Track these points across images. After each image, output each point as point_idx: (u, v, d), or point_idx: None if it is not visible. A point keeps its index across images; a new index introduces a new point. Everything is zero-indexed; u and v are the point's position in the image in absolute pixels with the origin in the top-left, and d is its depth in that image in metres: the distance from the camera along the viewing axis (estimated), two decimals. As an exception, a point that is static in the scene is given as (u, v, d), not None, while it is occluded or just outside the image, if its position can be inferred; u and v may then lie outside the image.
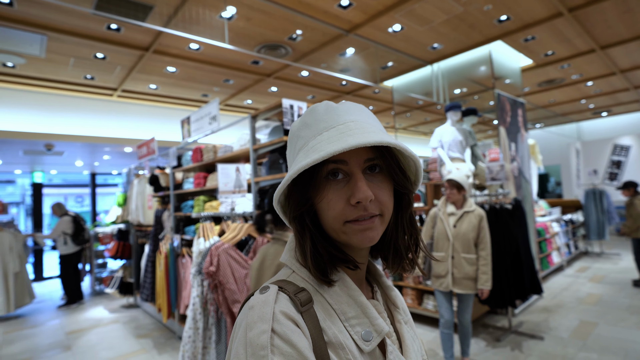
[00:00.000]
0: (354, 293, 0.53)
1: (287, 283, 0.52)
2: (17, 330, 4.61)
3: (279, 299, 0.47)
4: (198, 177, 3.82)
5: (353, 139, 0.47)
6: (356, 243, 0.51)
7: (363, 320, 0.51)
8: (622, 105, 9.37)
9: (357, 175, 0.51)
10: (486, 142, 7.27)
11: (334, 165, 0.51)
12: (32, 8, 3.59)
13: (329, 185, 0.51)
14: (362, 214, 0.50)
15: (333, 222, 0.51)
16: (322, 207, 0.52)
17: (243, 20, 4.11)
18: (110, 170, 10.27)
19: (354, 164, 0.51)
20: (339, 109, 0.54)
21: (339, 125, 0.51)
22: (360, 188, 0.49)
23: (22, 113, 5.58)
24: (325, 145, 0.48)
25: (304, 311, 0.48)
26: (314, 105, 0.56)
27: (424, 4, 3.97)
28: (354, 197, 0.49)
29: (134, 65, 5.12)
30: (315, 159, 0.46)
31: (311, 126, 0.53)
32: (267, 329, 0.43)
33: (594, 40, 5.13)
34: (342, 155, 0.50)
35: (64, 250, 5.68)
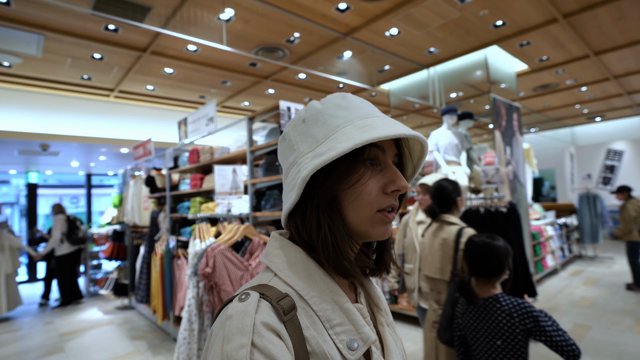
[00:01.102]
0: (339, 299, 0.49)
1: (268, 288, 0.47)
2: (10, 332, 4.57)
3: (260, 308, 0.43)
4: (194, 178, 3.82)
5: (409, 130, 0.48)
6: (378, 235, 0.51)
7: (348, 328, 0.48)
8: (615, 111, 9.48)
9: (392, 165, 0.52)
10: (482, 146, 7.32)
11: (375, 151, 0.50)
12: (30, 7, 3.58)
13: (366, 169, 0.50)
14: (393, 204, 0.51)
15: (365, 209, 0.50)
16: (352, 193, 0.50)
17: (241, 22, 4.13)
18: (106, 171, 10.21)
19: (389, 155, 0.52)
20: (369, 102, 0.55)
21: (381, 115, 0.52)
22: (400, 176, 0.50)
23: (17, 113, 5.55)
24: (385, 126, 0.47)
25: (287, 320, 0.44)
26: (341, 93, 0.55)
27: (421, 9, 4.01)
28: (394, 184, 0.50)
29: (132, 66, 5.12)
30: (386, 134, 0.45)
31: (349, 109, 0.52)
32: (247, 343, 0.39)
33: (588, 46, 5.19)
34: (383, 143, 0.51)
35: (60, 251, 5.63)
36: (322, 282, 0.50)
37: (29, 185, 8.67)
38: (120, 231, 5.71)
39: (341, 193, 0.51)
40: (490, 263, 1.56)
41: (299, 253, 0.52)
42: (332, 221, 0.50)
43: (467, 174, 4.21)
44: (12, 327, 4.76)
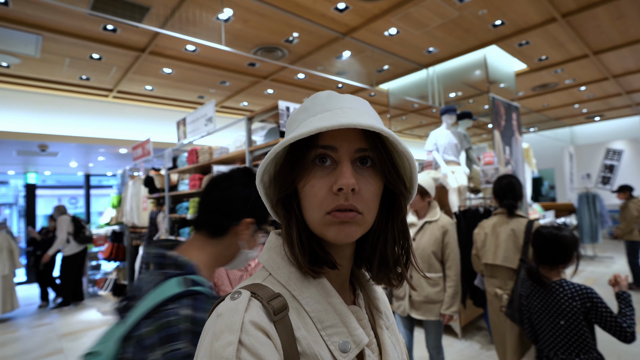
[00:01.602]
0: (333, 300, 0.49)
1: (261, 287, 0.47)
2: (8, 332, 4.55)
3: (250, 307, 0.43)
4: (193, 178, 3.81)
5: (344, 119, 0.44)
6: (332, 237, 0.47)
7: (341, 330, 0.47)
8: (614, 110, 9.49)
9: (344, 162, 0.47)
10: (481, 146, 7.32)
11: (322, 151, 0.48)
12: (28, 8, 3.57)
13: (315, 170, 0.48)
14: (342, 204, 0.46)
15: (315, 211, 0.47)
16: (305, 194, 0.49)
17: (240, 22, 4.12)
18: (105, 171, 10.19)
19: (343, 151, 0.48)
20: (341, 96, 0.52)
21: (337, 109, 0.49)
22: (344, 174, 0.46)
23: (16, 113, 5.54)
24: (316, 123, 0.45)
25: (277, 320, 0.44)
26: (315, 93, 0.54)
27: (420, 8, 4.00)
28: (336, 183, 0.46)
29: (130, 66, 5.10)
30: (301, 134, 0.43)
31: (309, 110, 0.51)
32: (234, 341, 0.40)
33: (587, 46, 5.19)
34: (333, 140, 0.48)
35: (67, 251, 5.62)
36: (316, 283, 0.49)
37: (28, 186, 8.64)
38: (119, 232, 5.70)
39: (300, 195, 0.50)
40: (555, 252, 1.70)
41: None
42: (287, 220, 0.51)
43: (467, 174, 4.21)
44: (11, 328, 4.75)
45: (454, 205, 4.02)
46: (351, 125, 0.43)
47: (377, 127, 0.44)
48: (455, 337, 3.63)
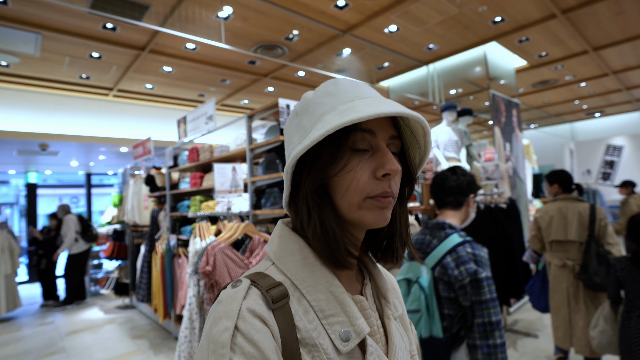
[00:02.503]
0: (335, 289, 0.49)
1: (262, 276, 0.48)
2: (11, 332, 4.57)
3: (249, 295, 0.45)
4: (194, 177, 3.81)
5: (395, 107, 0.44)
6: (371, 221, 0.49)
7: (342, 319, 0.47)
8: (614, 106, 9.48)
9: (384, 148, 0.48)
10: (481, 142, 7.32)
11: (362, 135, 0.48)
12: (27, 7, 3.57)
13: (353, 155, 0.48)
14: (386, 190, 0.48)
15: (354, 195, 0.48)
16: (343, 179, 0.48)
17: (240, 20, 4.12)
18: (106, 170, 10.20)
19: (381, 137, 0.49)
20: (363, 84, 0.52)
21: (371, 96, 0.49)
22: (390, 159, 0.47)
23: (16, 112, 5.54)
24: (365, 107, 0.44)
25: (276, 308, 0.45)
26: (334, 79, 0.53)
27: (420, 5, 4.00)
28: (383, 168, 0.47)
29: (130, 64, 5.10)
30: (361, 117, 0.42)
31: (337, 95, 0.49)
32: (230, 326, 0.41)
33: (587, 42, 5.19)
34: (373, 125, 0.48)
35: (74, 249, 5.65)
36: (319, 272, 0.49)
37: (29, 185, 8.66)
38: (120, 230, 5.72)
39: (331, 182, 0.49)
40: None
41: (298, 242, 0.52)
42: (321, 211, 0.49)
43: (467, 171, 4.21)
44: (13, 327, 4.77)
45: (455, 202, 4.03)
46: (407, 114, 0.44)
47: (418, 115, 0.46)
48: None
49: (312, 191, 0.49)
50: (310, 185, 0.49)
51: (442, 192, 1.51)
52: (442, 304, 1.32)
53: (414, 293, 1.35)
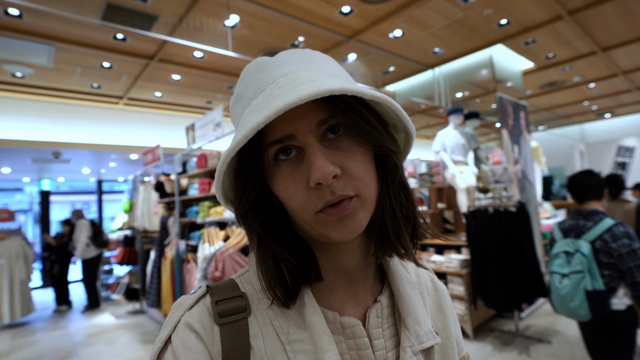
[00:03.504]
0: (305, 309, 0.40)
1: (228, 285, 0.43)
2: (25, 336, 4.66)
3: (197, 305, 0.40)
4: (203, 183, 3.86)
5: (279, 99, 0.34)
6: (335, 237, 0.38)
7: (308, 348, 0.38)
8: (625, 107, 9.34)
9: (310, 148, 0.37)
10: (489, 145, 7.27)
11: (278, 146, 0.38)
12: (41, 19, 3.68)
13: (281, 168, 0.39)
14: (329, 200, 0.36)
15: (301, 213, 0.39)
16: (282, 197, 0.40)
17: (246, 28, 4.18)
18: (117, 177, 10.36)
19: (303, 133, 0.37)
20: (270, 63, 0.41)
21: (268, 85, 0.38)
22: (314, 164, 0.35)
23: (30, 122, 5.68)
24: (249, 120, 0.35)
25: (224, 323, 0.39)
26: (246, 66, 0.43)
27: (425, 10, 4.02)
28: (311, 178, 0.36)
29: (140, 73, 5.21)
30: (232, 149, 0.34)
31: (242, 96, 0.41)
32: (164, 338, 0.38)
33: (594, 42, 5.14)
34: (285, 127, 0.37)
35: (87, 255, 5.75)
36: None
37: (42, 193, 8.83)
38: (130, 236, 5.80)
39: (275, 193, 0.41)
40: None
41: None
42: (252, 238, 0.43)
43: (475, 174, 4.20)
44: (27, 332, 4.85)
45: (463, 205, 4.01)
46: (289, 105, 0.32)
47: (324, 89, 0.32)
48: (466, 338, 3.61)
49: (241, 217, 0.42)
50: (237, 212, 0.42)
51: (585, 190, 2.00)
52: (603, 267, 1.84)
53: (576, 259, 1.89)
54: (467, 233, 3.68)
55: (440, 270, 3.84)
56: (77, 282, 7.77)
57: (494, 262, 3.39)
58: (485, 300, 3.45)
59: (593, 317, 1.83)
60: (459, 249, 4.01)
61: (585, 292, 1.82)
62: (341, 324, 0.42)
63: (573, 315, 1.90)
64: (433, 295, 0.52)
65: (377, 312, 0.44)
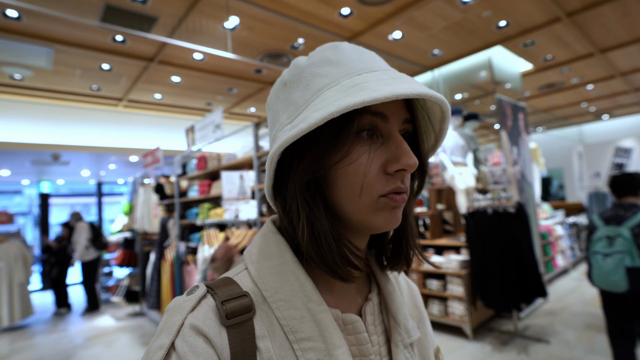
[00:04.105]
0: (312, 306, 0.39)
1: (227, 284, 0.41)
2: (24, 339, 4.64)
3: (199, 306, 0.37)
4: (202, 184, 3.87)
5: (416, 86, 0.35)
6: (382, 224, 0.40)
7: (318, 345, 0.38)
8: (623, 108, 9.38)
9: (398, 137, 0.39)
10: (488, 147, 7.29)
11: (371, 119, 0.38)
12: (40, 21, 3.68)
13: (361, 144, 0.39)
14: (399, 187, 0.39)
15: (362, 194, 0.38)
16: (346, 173, 0.39)
17: (246, 30, 4.19)
18: (116, 179, 10.36)
19: (394, 122, 0.40)
20: (369, 53, 0.43)
21: (383, 70, 0.40)
22: (407, 152, 0.38)
23: (29, 124, 5.68)
24: (379, 85, 0.35)
25: (232, 325, 0.37)
26: (334, 42, 0.43)
27: (424, 12, 4.03)
28: (398, 162, 0.38)
29: (139, 75, 5.21)
30: (375, 98, 0.33)
31: (339, 64, 0.40)
32: (166, 344, 0.35)
33: (593, 44, 5.17)
34: (385, 107, 0.39)
35: (85, 257, 5.74)
36: (297, 283, 0.40)
37: (42, 195, 8.82)
38: (130, 238, 5.79)
39: (329, 175, 0.40)
40: None
41: (278, 244, 0.43)
42: (312, 212, 0.40)
43: (474, 175, 4.21)
44: (26, 335, 4.84)
45: (462, 206, 4.02)
46: (426, 96, 0.35)
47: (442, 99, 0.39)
48: (466, 338, 3.62)
49: (303, 186, 0.40)
50: (301, 178, 0.40)
51: (626, 187, 2.39)
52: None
53: (618, 242, 2.26)
54: (466, 234, 3.69)
55: (439, 271, 3.84)
56: (77, 285, 7.76)
57: (493, 263, 3.40)
58: (484, 300, 3.46)
59: (630, 290, 2.22)
60: (458, 250, 4.02)
61: (625, 268, 2.22)
62: (343, 320, 0.43)
63: (613, 287, 2.30)
64: (408, 293, 0.56)
65: (370, 309, 0.46)
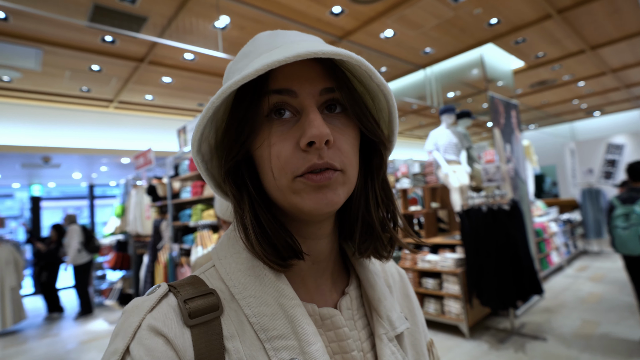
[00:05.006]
0: (284, 301, 0.37)
1: (192, 282, 0.39)
2: (16, 344, 4.57)
3: (159, 306, 0.35)
4: (195, 185, 3.83)
5: (302, 48, 0.33)
6: (309, 208, 0.37)
7: (291, 343, 0.35)
8: (614, 105, 9.47)
9: (309, 109, 0.36)
10: (481, 144, 7.32)
11: (278, 97, 0.37)
12: (28, 22, 3.62)
13: (272, 125, 0.37)
14: (316, 163, 0.36)
15: (279, 175, 0.37)
16: (262, 157, 0.38)
17: (237, 29, 4.16)
18: (108, 181, 10.26)
19: (305, 95, 0.37)
20: (288, 32, 0.41)
21: (286, 44, 0.38)
22: (312, 122, 0.35)
23: (19, 126, 5.59)
24: (263, 60, 0.34)
25: (196, 325, 0.34)
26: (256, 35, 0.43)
27: (415, 9, 4.03)
28: (305, 135, 0.35)
29: (130, 76, 5.15)
30: (246, 75, 0.32)
31: (250, 54, 0.40)
32: (120, 348, 0.32)
33: (583, 41, 5.20)
34: (290, 82, 0.37)
35: (78, 260, 5.66)
36: (267, 279, 0.38)
37: (33, 199, 8.70)
38: (123, 241, 5.73)
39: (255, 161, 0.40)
40: None
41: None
42: (238, 201, 0.40)
43: (468, 173, 4.21)
44: (18, 340, 4.76)
45: (457, 204, 4.02)
46: (312, 54, 0.32)
47: (346, 53, 0.33)
48: (462, 337, 3.62)
49: (225, 174, 0.40)
50: (224, 168, 0.40)
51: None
52: None
53: (633, 216, 2.87)
54: (461, 232, 3.69)
55: (435, 270, 3.84)
56: (69, 289, 7.66)
57: (488, 261, 3.40)
58: (480, 298, 3.45)
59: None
60: (453, 248, 4.02)
61: (638, 236, 2.84)
62: (320, 315, 0.40)
63: (631, 252, 2.91)
64: (399, 282, 0.53)
65: (347, 303, 0.43)
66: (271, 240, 0.38)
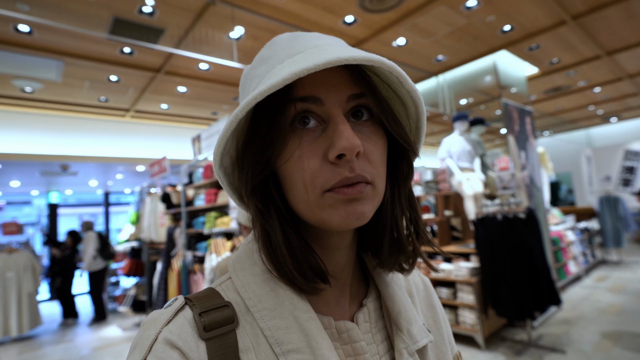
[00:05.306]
0: (299, 314, 0.36)
1: (208, 295, 0.38)
2: (32, 350, 4.64)
3: (175, 319, 0.35)
4: (209, 193, 3.87)
5: (329, 54, 0.31)
6: (338, 223, 0.35)
7: (305, 357, 0.35)
8: (631, 110, 9.27)
9: (337, 118, 0.34)
10: (495, 151, 7.23)
11: (303, 105, 0.35)
12: (50, 35, 3.75)
13: (297, 135, 0.35)
14: (347, 177, 0.34)
15: (307, 192, 0.35)
16: (288, 171, 0.36)
17: (251, 39, 4.23)
18: (124, 189, 10.44)
19: (332, 103, 0.35)
20: (308, 34, 0.39)
21: (310, 48, 0.36)
22: (342, 133, 0.33)
23: (39, 136, 5.76)
24: (288, 67, 0.32)
25: (211, 337, 0.34)
26: (274, 38, 0.41)
27: (428, 18, 4.04)
28: (334, 147, 0.33)
29: (146, 86, 5.27)
30: (272, 85, 0.30)
31: (269, 59, 0.38)
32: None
33: (599, 47, 5.13)
34: (315, 90, 0.35)
35: (93, 267, 5.76)
36: (282, 291, 0.37)
37: (50, 205, 8.90)
38: (137, 248, 5.80)
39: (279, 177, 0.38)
40: None
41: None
42: (265, 219, 0.37)
43: (482, 180, 4.16)
44: (34, 345, 4.84)
45: (471, 212, 3.97)
46: (343, 61, 0.30)
47: (378, 58, 0.32)
48: (478, 348, 3.54)
49: (252, 192, 0.37)
50: (248, 183, 0.37)
51: None
52: None
53: None
54: (475, 240, 3.64)
55: (449, 279, 3.78)
56: (84, 295, 7.77)
57: (504, 270, 3.33)
58: (496, 308, 3.38)
59: None
60: (467, 257, 3.96)
61: None
62: (336, 329, 0.39)
63: None
64: (423, 291, 0.51)
65: (365, 316, 0.42)
66: (300, 264, 0.37)
